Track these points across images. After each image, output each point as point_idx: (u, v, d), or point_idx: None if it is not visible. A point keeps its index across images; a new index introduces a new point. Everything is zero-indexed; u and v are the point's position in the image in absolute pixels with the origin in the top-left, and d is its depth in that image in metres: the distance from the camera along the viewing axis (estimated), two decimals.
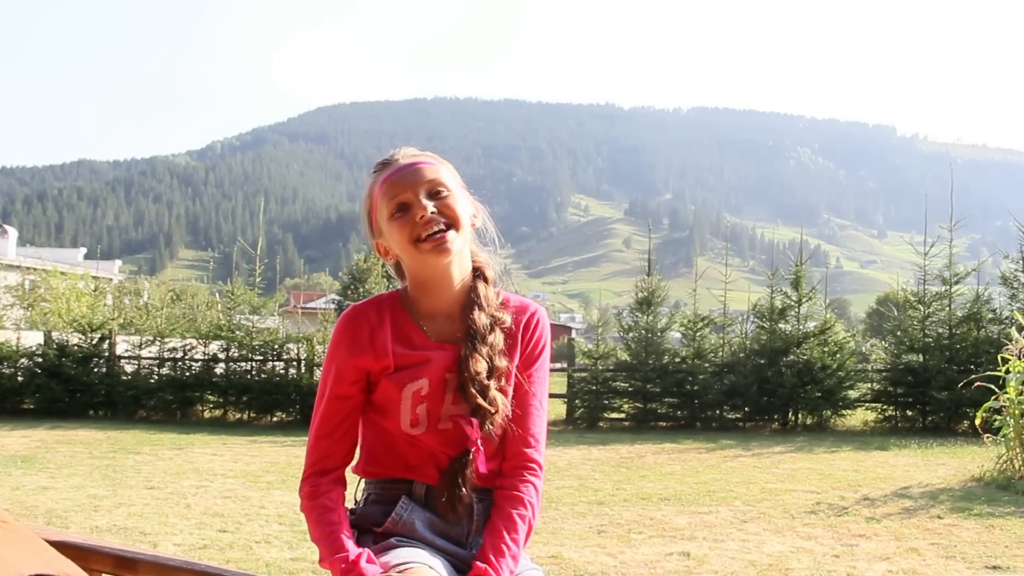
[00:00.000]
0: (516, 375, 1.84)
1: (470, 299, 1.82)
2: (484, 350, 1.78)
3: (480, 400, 1.75)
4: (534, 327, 1.87)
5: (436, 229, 1.73)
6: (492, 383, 1.77)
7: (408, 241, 1.74)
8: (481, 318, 1.80)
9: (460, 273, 1.82)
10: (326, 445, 1.81)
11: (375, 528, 1.78)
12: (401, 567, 1.61)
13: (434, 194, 1.76)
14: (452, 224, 1.75)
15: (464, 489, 1.75)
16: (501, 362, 1.79)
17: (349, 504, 1.89)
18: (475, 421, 1.75)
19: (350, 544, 1.69)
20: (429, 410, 1.77)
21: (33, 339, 16.45)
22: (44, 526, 4.06)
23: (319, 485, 1.79)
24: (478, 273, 1.86)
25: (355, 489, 1.90)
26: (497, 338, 1.81)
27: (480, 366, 1.76)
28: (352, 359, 1.79)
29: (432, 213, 1.73)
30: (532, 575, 1.80)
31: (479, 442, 1.76)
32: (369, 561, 1.65)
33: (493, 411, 1.76)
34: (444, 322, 1.83)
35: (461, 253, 1.80)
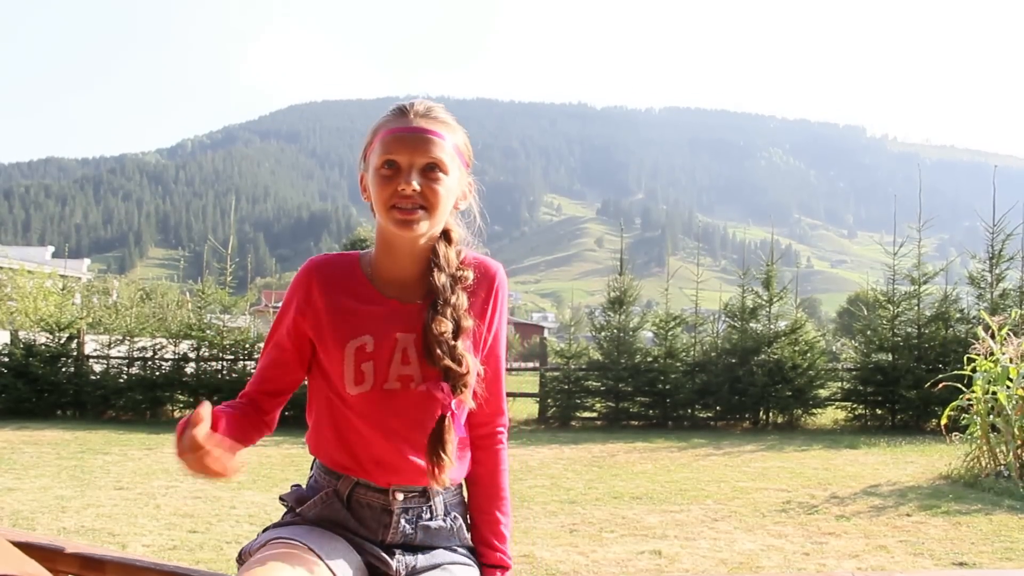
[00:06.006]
0: (484, 337, 1.81)
1: (430, 260, 1.77)
2: (448, 311, 1.72)
3: (448, 361, 1.69)
4: (498, 287, 1.84)
5: (410, 206, 1.68)
6: (459, 343, 1.72)
7: (381, 202, 1.69)
8: (441, 278, 1.74)
9: (427, 240, 1.77)
10: (261, 383, 1.87)
11: (295, 508, 1.81)
12: (277, 541, 1.62)
13: (427, 169, 1.69)
14: (429, 208, 1.69)
15: (447, 456, 1.70)
16: (467, 322, 1.74)
17: (302, 481, 1.90)
18: (446, 385, 1.69)
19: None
20: (376, 368, 1.72)
21: None
22: (10, 528, 4.00)
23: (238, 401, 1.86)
24: (443, 234, 1.79)
25: (310, 465, 1.90)
26: (461, 298, 1.75)
27: (445, 327, 1.71)
28: (297, 309, 1.79)
29: (414, 191, 1.67)
30: (467, 572, 1.76)
31: (453, 406, 1.70)
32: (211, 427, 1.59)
33: (464, 372, 1.70)
34: (400, 283, 1.78)
35: (430, 232, 1.75)
